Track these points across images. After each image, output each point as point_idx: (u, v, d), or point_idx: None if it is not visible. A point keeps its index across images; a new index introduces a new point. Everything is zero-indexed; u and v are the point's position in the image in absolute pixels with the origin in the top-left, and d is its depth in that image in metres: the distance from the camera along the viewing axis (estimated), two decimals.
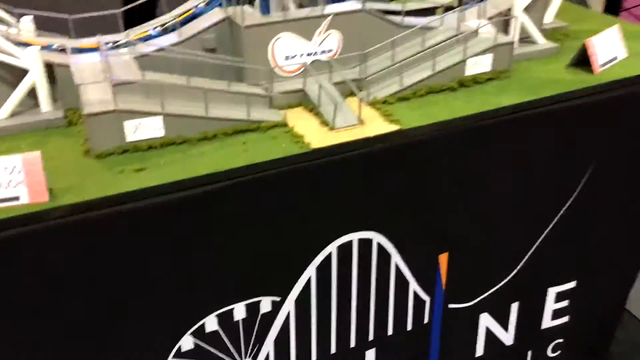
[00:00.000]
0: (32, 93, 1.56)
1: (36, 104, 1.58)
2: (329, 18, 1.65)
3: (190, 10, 1.78)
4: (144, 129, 1.45)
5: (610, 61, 1.86)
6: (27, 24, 1.68)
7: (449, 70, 1.75)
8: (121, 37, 1.73)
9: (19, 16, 1.68)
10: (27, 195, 1.28)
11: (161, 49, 1.60)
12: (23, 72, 1.53)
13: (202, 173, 1.38)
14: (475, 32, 1.79)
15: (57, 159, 1.43)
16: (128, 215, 1.31)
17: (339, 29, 1.68)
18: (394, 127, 1.57)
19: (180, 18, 1.73)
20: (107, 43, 1.69)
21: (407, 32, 1.76)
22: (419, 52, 1.75)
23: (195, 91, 1.53)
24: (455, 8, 2.02)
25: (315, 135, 1.54)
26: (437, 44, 1.76)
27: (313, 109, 1.63)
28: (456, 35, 1.78)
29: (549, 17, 2.09)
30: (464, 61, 1.75)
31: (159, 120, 1.45)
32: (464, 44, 1.75)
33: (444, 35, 1.79)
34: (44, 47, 1.61)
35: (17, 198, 1.28)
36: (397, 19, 1.77)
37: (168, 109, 1.46)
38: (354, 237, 1.64)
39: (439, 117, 1.62)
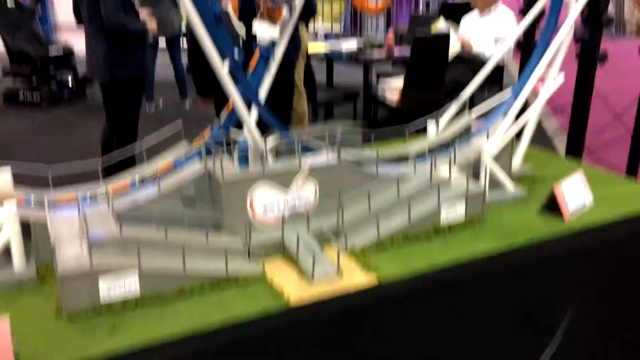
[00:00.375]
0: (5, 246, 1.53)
1: (8, 259, 1.55)
2: (306, 171, 1.70)
3: (169, 163, 1.82)
4: (119, 287, 1.42)
5: (579, 208, 1.93)
6: (5, 176, 1.69)
7: (424, 218, 1.78)
8: (100, 188, 1.75)
9: None
10: None
11: (140, 204, 1.61)
12: None
13: (178, 334, 1.33)
14: (447, 181, 1.85)
15: (27, 320, 1.38)
16: None
17: (316, 179, 1.73)
18: (372, 278, 1.56)
19: (160, 173, 1.76)
20: (85, 197, 1.71)
21: (382, 182, 1.82)
22: (394, 201, 1.79)
23: (173, 245, 1.52)
24: (425, 156, 2.11)
25: (294, 287, 1.52)
26: (411, 194, 1.81)
27: (291, 260, 1.63)
28: (429, 184, 1.84)
29: (516, 163, 2.18)
30: (438, 209, 1.80)
31: (134, 278, 1.43)
32: (438, 193, 1.80)
33: (418, 184, 1.84)
34: (21, 202, 1.61)
35: None
36: (371, 169, 1.84)
37: (144, 267, 1.43)
38: None
39: (416, 266, 1.62)
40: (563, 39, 2.11)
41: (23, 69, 7.59)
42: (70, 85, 7.83)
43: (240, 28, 1.59)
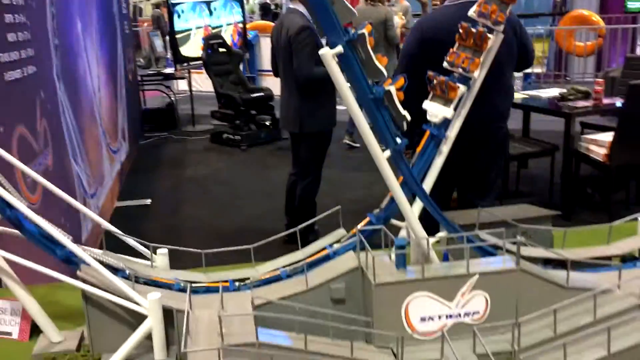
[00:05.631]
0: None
1: (151, 346, 1.50)
2: (475, 278, 1.43)
3: (323, 250, 1.67)
4: None
5: None
6: (161, 257, 1.67)
7: (629, 352, 1.39)
8: (251, 272, 1.66)
9: (154, 248, 1.69)
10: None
11: (284, 298, 1.47)
12: (143, 315, 1.47)
13: None
14: None
15: None
16: None
17: (487, 289, 1.44)
18: None
19: (310, 259, 1.61)
20: (234, 281, 1.63)
21: (573, 295, 1.46)
22: (589, 324, 1.43)
23: (312, 356, 1.35)
24: (637, 260, 1.69)
25: None
26: (613, 315, 1.43)
27: None
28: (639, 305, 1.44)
29: None
30: None
31: None
32: None
33: (623, 304, 1.45)
34: (169, 285, 1.57)
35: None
36: (561, 276, 1.49)
37: None
38: None
39: None
40: None
41: (228, 112, 8.22)
42: (268, 126, 8.31)
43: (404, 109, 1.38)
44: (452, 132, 1.61)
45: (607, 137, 4.74)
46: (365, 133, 1.36)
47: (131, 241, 1.71)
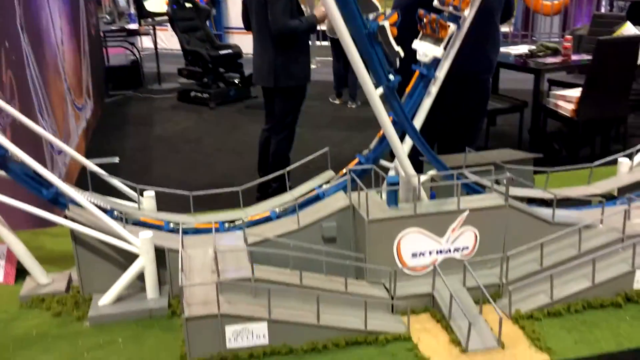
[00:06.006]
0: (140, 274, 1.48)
1: (142, 286, 1.49)
2: (465, 214, 1.45)
3: (312, 191, 1.67)
4: (247, 335, 1.28)
5: None
6: (148, 200, 1.65)
7: (612, 283, 1.44)
8: (240, 214, 1.65)
9: (141, 191, 1.66)
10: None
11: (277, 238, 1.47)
12: (133, 255, 1.46)
13: None
14: None
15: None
16: None
17: (476, 225, 1.47)
18: (543, 358, 1.27)
19: (301, 200, 1.61)
20: (223, 224, 1.62)
21: (558, 231, 1.50)
22: (573, 257, 1.47)
23: (307, 290, 1.36)
24: (616, 199, 1.74)
25: (443, 356, 1.29)
26: (595, 248, 1.48)
27: (442, 319, 1.39)
28: (620, 238, 1.49)
29: None
30: (631, 272, 1.44)
31: (263, 327, 1.28)
32: (632, 250, 1.45)
33: (606, 238, 1.50)
34: (158, 227, 1.55)
35: None
36: (546, 213, 1.53)
37: (275, 315, 1.29)
38: None
39: (601, 345, 1.30)
40: None
41: (196, 69, 8.05)
42: (237, 84, 8.18)
43: (397, 45, 1.37)
44: (441, 73, 1.61)
45: (575, 92, 4.82)
46: (359, 69, 1.35)
47: (117, 182, 1.68)
